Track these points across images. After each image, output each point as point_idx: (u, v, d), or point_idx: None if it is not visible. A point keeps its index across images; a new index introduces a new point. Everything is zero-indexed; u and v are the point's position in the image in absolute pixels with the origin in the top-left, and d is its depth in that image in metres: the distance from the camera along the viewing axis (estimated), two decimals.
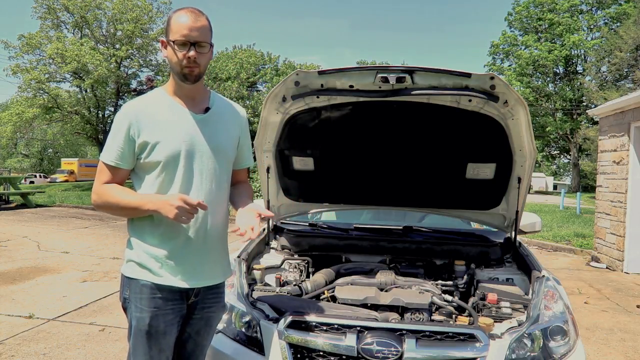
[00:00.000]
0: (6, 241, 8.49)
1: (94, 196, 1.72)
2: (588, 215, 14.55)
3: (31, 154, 43.57)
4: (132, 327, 1.70)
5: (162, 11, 28.66)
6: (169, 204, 1.56)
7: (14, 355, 3.50)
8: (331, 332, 1.98)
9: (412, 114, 2.54)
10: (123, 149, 1.67)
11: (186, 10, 1.65)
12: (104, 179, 1.70)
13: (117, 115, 1.70)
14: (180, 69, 1.66)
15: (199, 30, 1.63)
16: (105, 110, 30.05)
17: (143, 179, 1.72)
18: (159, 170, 1.69)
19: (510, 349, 1.95)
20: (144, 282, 1.67)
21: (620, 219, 7.17)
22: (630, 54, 23.33)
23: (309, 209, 3.29)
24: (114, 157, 1.68)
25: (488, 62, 38.11)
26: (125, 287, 1.73)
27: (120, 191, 1.67)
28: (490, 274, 2.79)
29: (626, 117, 7.14)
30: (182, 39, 1.62)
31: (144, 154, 1.68)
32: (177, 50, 1.63)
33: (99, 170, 1.73)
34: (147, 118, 1.67)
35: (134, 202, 1.65)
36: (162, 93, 1.75)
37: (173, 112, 1.71)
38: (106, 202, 1.68)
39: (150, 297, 1.67)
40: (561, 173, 58.29)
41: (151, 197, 1.65)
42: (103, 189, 1.69)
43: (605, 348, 3.96)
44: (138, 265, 1.69)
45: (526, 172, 2.69)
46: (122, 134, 1.67)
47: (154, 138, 1.66)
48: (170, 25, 1.65)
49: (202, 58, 1.66)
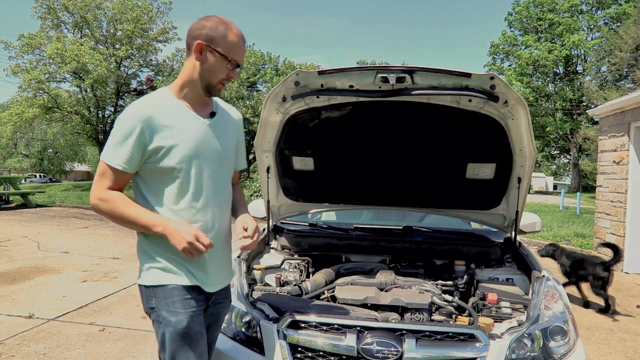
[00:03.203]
0: (6, 241, 8.48)
1: (95, 200, 1.63)
2: (588, 215, 14.55)
3: (31, 154, 43.52)
4: (168, 335, 1.62)
5: (162, 11, 28.65)
6: (181, 236, 1.54)
7: (14, 355, 3.50)
8: (331, 332, 1.98)
9: (412, 114, 2.54)
10: (132, 152, 1.60)
11: (240, 32, 1.69)
12: (107, 183, 1.62)
13: (124, 116, 1.62)
14: (215, 83, 1.68)
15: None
16: (105, 110, 30.05)
17: (150, 185, 1.67)
18: (171, 175, 1.64)
19: (510, 349, 1.95)
20: (173, 285, 1.64)
21: (620, 219, 7.17)
22: (630, 54, 23.32)
23: (309, 209, 3.29)
24: (122, 161, 1.60)
25: (488, 62, 38.13)
26: (149, 298, 1.67)
27: (128, 204, 1.61)
28: (490, 274, 2.80)
29: (626, 117, 7.15)
30: (237, 62, 1.68)
31: (155, 158, 1.62)
32: (227, 68, 1.67)
33: (100, 172, 1.64)
34: (159, 122, 1.61)
35: (144, 219, 1.59)
36: (168, 95, 1.70)
37: (183, 116, 1.68)
38: (111, 211, 1.61)
39: (183, 299, 1.64)
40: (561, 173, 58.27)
41: (162, 219, 1.60)
42: (110, 196, 1.61)
43: (605, 348, 3.96)
44: (162, 271, 1.65)
45: (526, 172, 2.69)
46: (132, 138, 1.59)
47: (168, 142, 1.62)
48: (227, 40, 1.64)
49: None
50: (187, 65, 1.68)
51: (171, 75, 24.84)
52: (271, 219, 3.21)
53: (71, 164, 48.71)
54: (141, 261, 1.70)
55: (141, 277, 1.69)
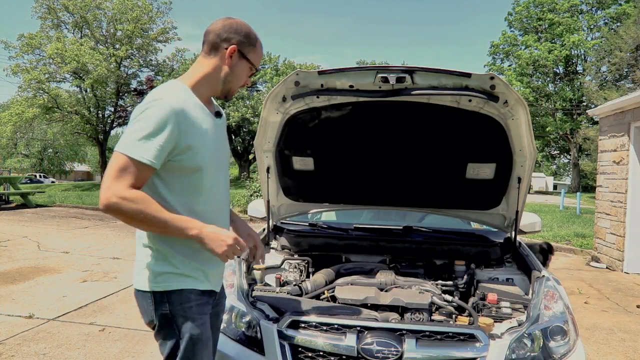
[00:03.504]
0: (6, 241, 8.48)
1: (115, 199, 1.41)
2: (588, 215, 14.54)
3: (31, 154, 43.53)
4: (184, 342, 1.57)
5: (162, 11, 28.68)
6: (222, 239, 1.50)
7: (14, 355, 3.50)
8: (331, 332, 1.98)
9: (412, 114, 2.54)
10: (162, 147, 1.47)
11: (260, 39, 1.74)
12: (130, 180, 1.44)
13: (156, 107, 1.47)
14: (236, 88, 1.72)
15: None
16: (105, 110, 30.06)
17: (171, 184, 1.57)
18: (193, 175, 1.58)
19: (510, 349, 1.95)
20: (189, 290, 1.60)
21: (620, 219, 7.17)
22: (630, 54, 23.31)
23: (309, 209, 3.29)
24: (151, 155, 1.45)
25: (488, 62, 38.10)
26: (160, 305, 1.57)
27: (159, 205, 1.47)
28: (490, 274, 2.80)
29: (626, 117, 7.15)
30: (256, 70, 1.74)
31: (182, 157, 1.53)
32: (248, 74, 1.72)
33: (121, 167, 1.44)
34: (189, 118, 1.54)
35: (178, 222, 1.48)
36: (187, 91, 1.61)
37: (204, 114, 1.62)
38: (139, 212, 1.43)
39: (198, 304, 1.62)
40: (561, 173, 58.25)
41: (197, 223, 1.51)
42: (138, 195, 1.44)
43: (605, 348, 3.96)
44: (178, 275, 1.59)
45: (526, 172, 2.69)
46: (165, 131, 1.46)
47: (195, 141, 1.55)
48: (255, 48, 1.69)
49: None
50: (207, 63, 1.64)
51: (171, 75, 24.82)
52: (271, 219, 3.21)
53: (71, 164, 48.72)
54: (149, 266, 1.59)
55: (148, 283, 1.58)
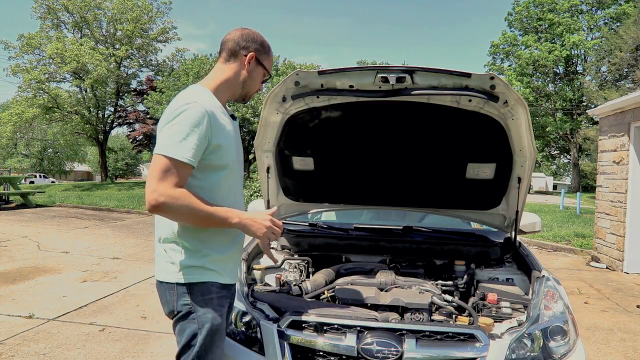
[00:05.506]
0: (6, 241, 8.49)
1: (164, 199, 1.51)
2: (588, 215, 14.55)
3: (31, 154, 43.55)
4: (204, 332, 1.65)
5: (162, 11, 28.69)
6: (260, 223, 1.64)
7: (14, 355, 3.50)
8: (331, 332, 1.98)
9: (412, 114, 2.54)
10: (198, 146, 1.56)
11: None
12: (174, 180, 1.53)
13: (190, 111, 1.56)
14: (252, 90, 1.83)
15: None
16: (105, 110, 30.07)
17: (205, 182, 1.66)
18: (223, 173, 1.69)
19: (510, 349, 1.95)
20: (211, 282, 1.68)
21: (620, 219, 7.17)
22: (630, 54, 23.32)
23: (309, 209, 3.29)
24: (190, 154, 1.54)
25: (488, 62, 38.14)
26: (182, 295, 1.65)
27: (199, 199, 1.57)
28: (490, 274, 2.79)
29: (626, 117, 7.15)
30: (269, 75, 1.85)
31: (214, 156, 1.64)
32: (262, 79, 1.84)
33: (164, 169, 1.52)
34: (217, 120, 1.64)
35: (221, 213, 1.60)
36: (210, 94, 1.71)
37: (226, 117, 1.74)
38: (187, 207, 1.53)
39: (219, 297, 1.71)
40: (561, 173, 58.27)
41: (236, 212, 1.64)
42: (182, 193, 1.53)
43: (605, 348, 3.96)
44: (202, 268, 1.67)
45: (526, 172, 2.69)
46: (199, 131, 1.56)
47: (224, 141, 1.67)
48: (269, 56, 1.83)
49: None
50: (226, 69, 1.77)
51: (171, 75, 24.79)
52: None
53: (71, 164, 48.75)
54: (173, 259, 1.66)
55: (172, 275, 1.66)
